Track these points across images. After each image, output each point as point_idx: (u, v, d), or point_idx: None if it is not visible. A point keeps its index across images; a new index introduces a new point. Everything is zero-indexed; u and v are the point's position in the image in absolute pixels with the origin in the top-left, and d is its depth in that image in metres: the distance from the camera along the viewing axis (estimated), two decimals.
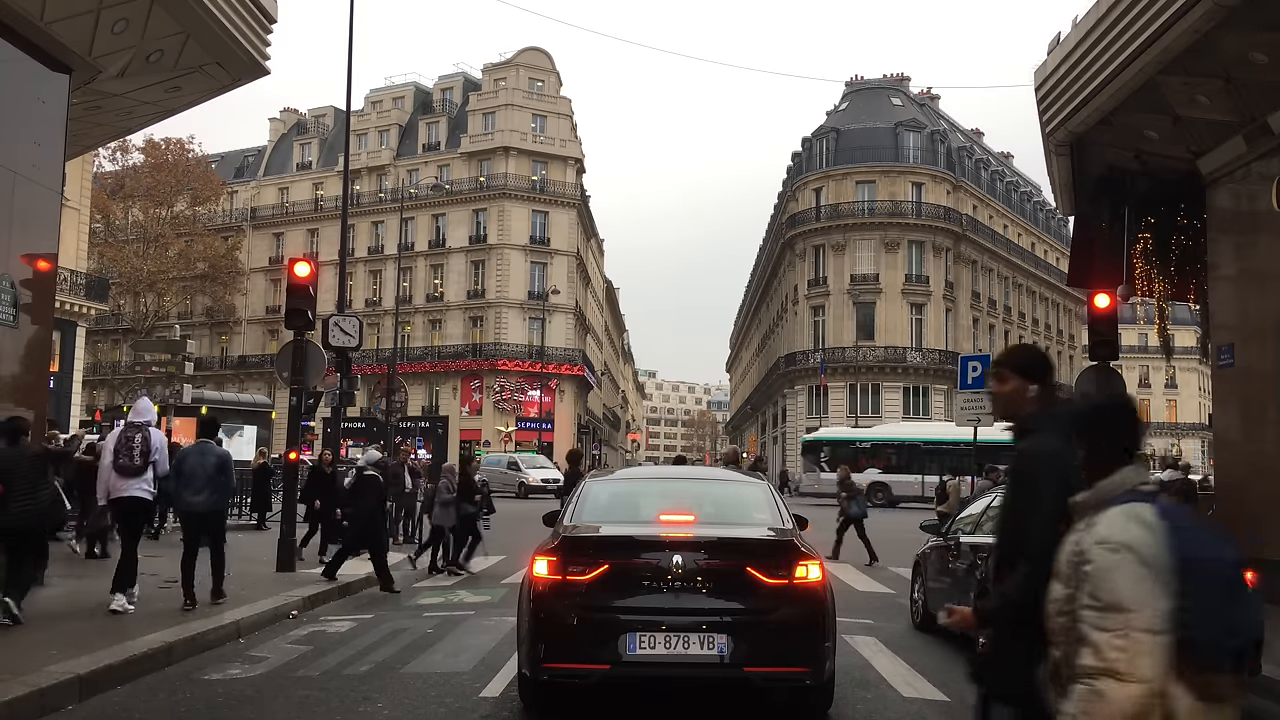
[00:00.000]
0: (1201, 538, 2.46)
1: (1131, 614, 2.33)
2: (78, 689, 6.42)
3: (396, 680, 7.26)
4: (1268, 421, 11.98)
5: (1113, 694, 2.31)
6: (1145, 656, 2.32)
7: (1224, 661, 2.38)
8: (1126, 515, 2.46)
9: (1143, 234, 13.67)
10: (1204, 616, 2.35)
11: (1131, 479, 2.58)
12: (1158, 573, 2.36)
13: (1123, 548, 2.39)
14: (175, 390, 20.70)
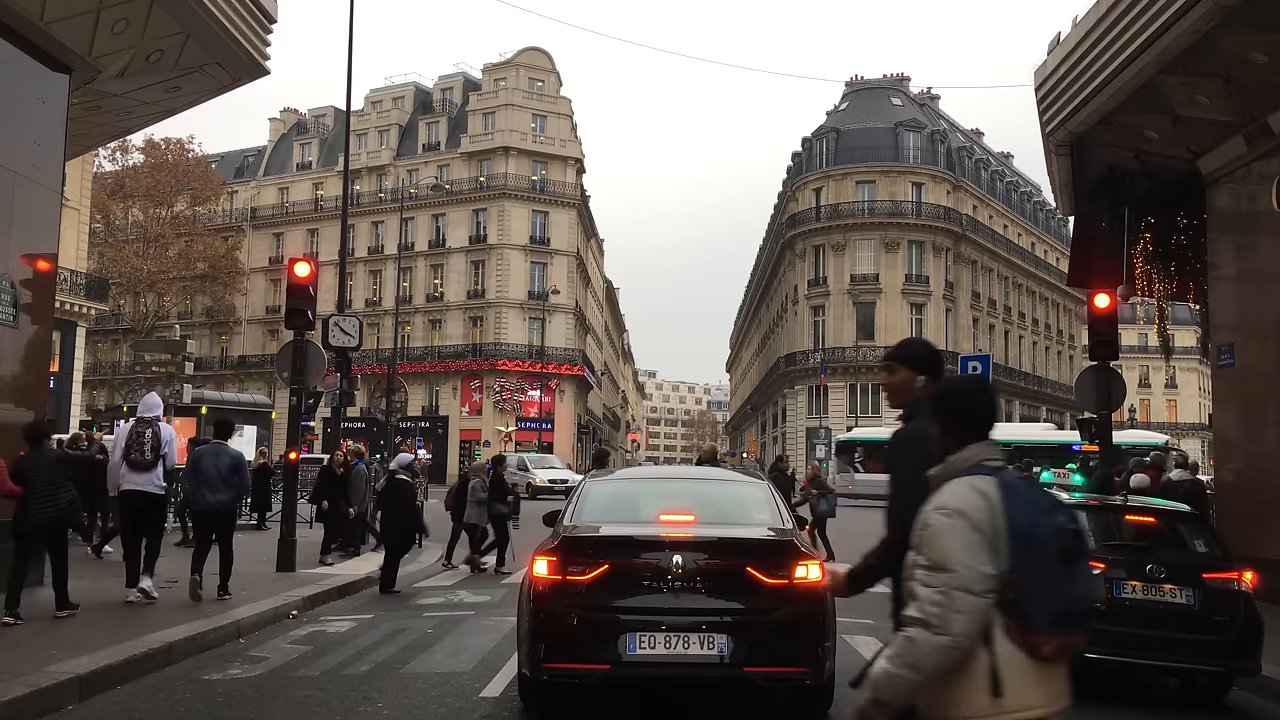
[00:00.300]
0: (1038, 510, 2.57)
1: (954, 574, 2.48)
2: (78, 689, 6.42)
3: (396, 680, 7.26)
4: (1268, 421, 11.99)
5: (922, 642, 2.49)
6: (960, 614, 2.45)
7: (1050, 625, 2.48)
8: (967, 485, 2.60)
9: (1143, 234, 13.68)
10: (1034, 582, 2.47)
11: (979, 454, 2.70)
12: (988, 539, 2.50)
13: (956, 513, 2.54)
14: (175, 390, 20.69)
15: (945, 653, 2.47)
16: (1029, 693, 2.50)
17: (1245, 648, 7.21)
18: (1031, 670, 2.50)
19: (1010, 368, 61.94)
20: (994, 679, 2.47)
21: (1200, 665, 7.35)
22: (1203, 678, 7.63)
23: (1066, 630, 2.52)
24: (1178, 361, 74.51)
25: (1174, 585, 7.26)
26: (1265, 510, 11.55)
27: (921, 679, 2.51)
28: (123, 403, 35.58)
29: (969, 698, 2.50)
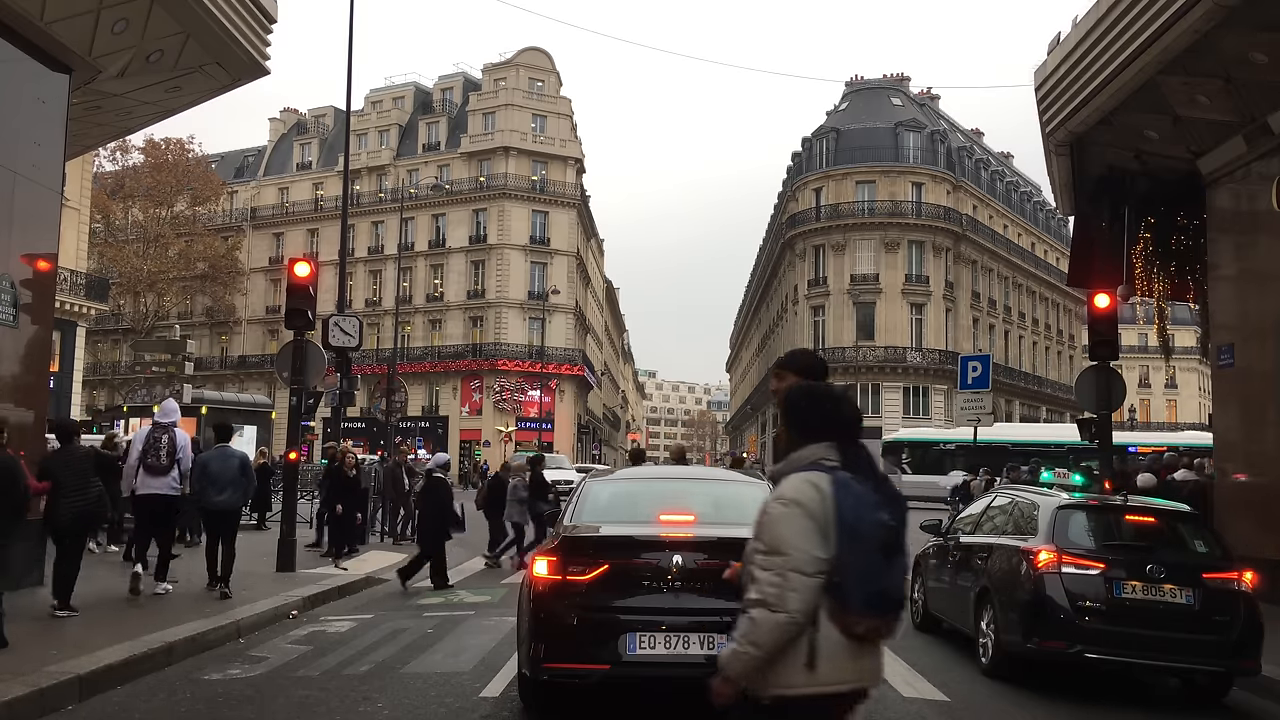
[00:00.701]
0: (864, 505, 2.81)
1: (789, 556, 2.75)
2: (78, 689, 6.42)
3: (396, 680, 7.26)
4: (1268, 421, 11.99)
5: (763, 621, 2.74)
6: (794, 593, 2.72)
7: (865, 608, 2.75)
8: (803, 479, 2.88)
9: (1143, 234, 13.68)
10: (854, 568, 2.74)
11: (818, 453, 2.95)
12: (820, 526, 2.77)
13: (792, 503, 2.81)
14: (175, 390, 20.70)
15: (784, 629, 2.73)
16: (840, 668, 2.76)
17: (1245, 648, 7.22)
18: (845, 648, 2.76)
19: (1010, 368, 61.92)
20: (811, 654, 2.74)
21: (1200, 665, 7.36)
22: (1203, 678, 7.64)
23: (878, 614, 2.78)
24: (1178, 361, 74.51)
25: (1174, 585, 7.26)
26: (1265, 510, 11.56)
27: (764, 655, 2.75)
28: (123, 403, 35.57)
29: (787, 671, 2.76)
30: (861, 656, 2.81)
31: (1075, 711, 7.05)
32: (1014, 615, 7.64)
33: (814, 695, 2.77)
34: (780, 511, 2.83)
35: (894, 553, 2.84)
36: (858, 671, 2.83)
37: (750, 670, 2.82)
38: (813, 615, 2.74)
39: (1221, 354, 13.18)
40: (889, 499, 2.89)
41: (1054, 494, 8.96)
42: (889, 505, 2.87)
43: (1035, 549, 7.63)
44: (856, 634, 2.77)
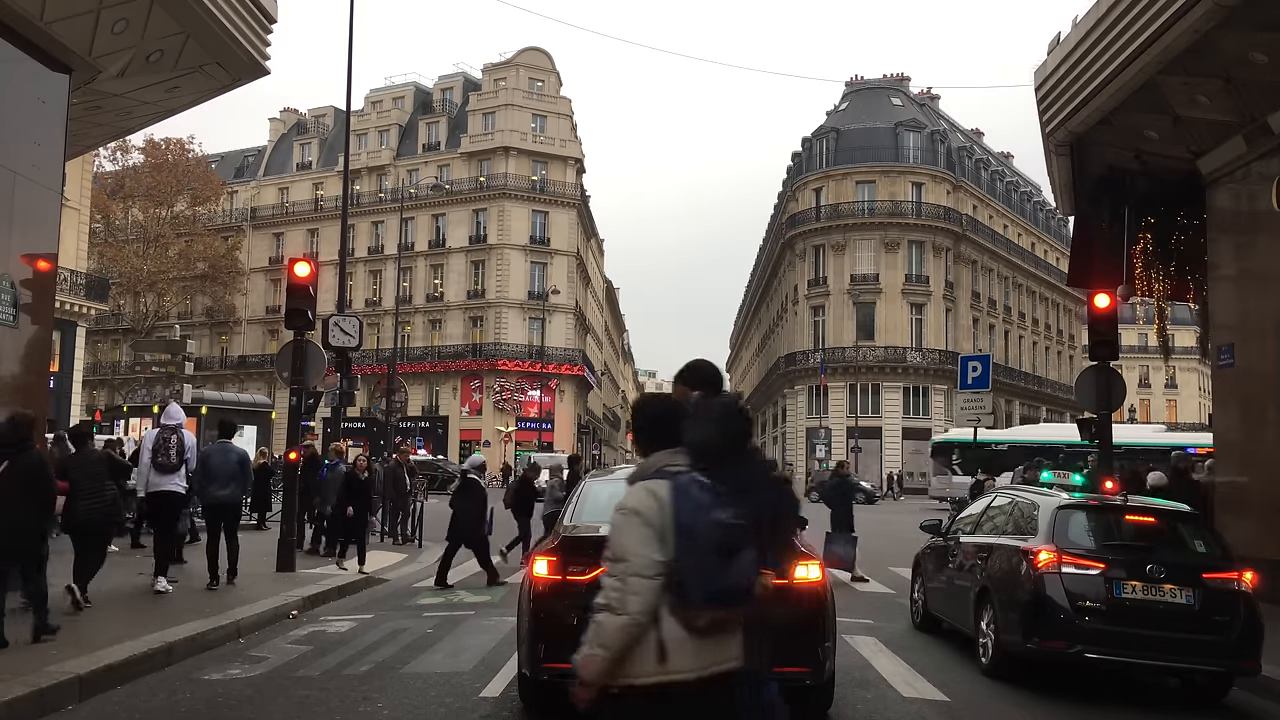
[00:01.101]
0: (701, 508, 2.97)
1: (629, 562, 2.96)
2: (78, 689, 6.42)
3: (396, 680, 7.26)
4: (1268, 421, 11.99)
5: (608, 624, 2.97)
6: (635, 596, 2.93)
7: (703, 602, 2.93)
8: (643, 488, 3.08)
9: (1143, 234, 13.68)
10: (691, 568, 2.92)
11: (662, 461, 3.18)
12: (658, 532, 2.96)
13: (632, 512, 3.01)
14: (175, 390, 20.70)
15: (627, 630, 2.94)
16: (687, 658, 2.97)
17: (1245, 648, 7.21)
18: (689, 640, 2.96)
19: (1010, 368, 61.92)
20: (660, 647, 2.95)
21: (1200, 665, 7.36)
22: (1203, 678, 7.63)
23: (718, 607, 2.96)
24: (1178, 361, 74.55)
25: (1174, 585, 7.26)
26: (1265, 510, 11.55)
27: (613, 655, 2.97)
28: (123, 403, 35.57)
29: (639, 661, 2.98)
30: (706, 646, 2.99)
31: (1075, 711, 7.05)
32: (1014, 615, 7.63)
33: (661, 684, 2.97)
34: (620, 520, 3.05)
35: (732, 549, 2.98)
36: (705, 660, 3.00)
37: (603, 671, 3.05)
38: (655, 614, 2.95)
39: (1221, 354, 13.18)
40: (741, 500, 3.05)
41: (1054, 494, 8.96)
42: (735, 506, 3.02)
43: (1035, 549, 7.63)
44: (698, 627, 2.95)
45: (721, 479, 3.21)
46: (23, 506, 7.38)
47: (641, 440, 3.33)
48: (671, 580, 2.94)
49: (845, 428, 53.82)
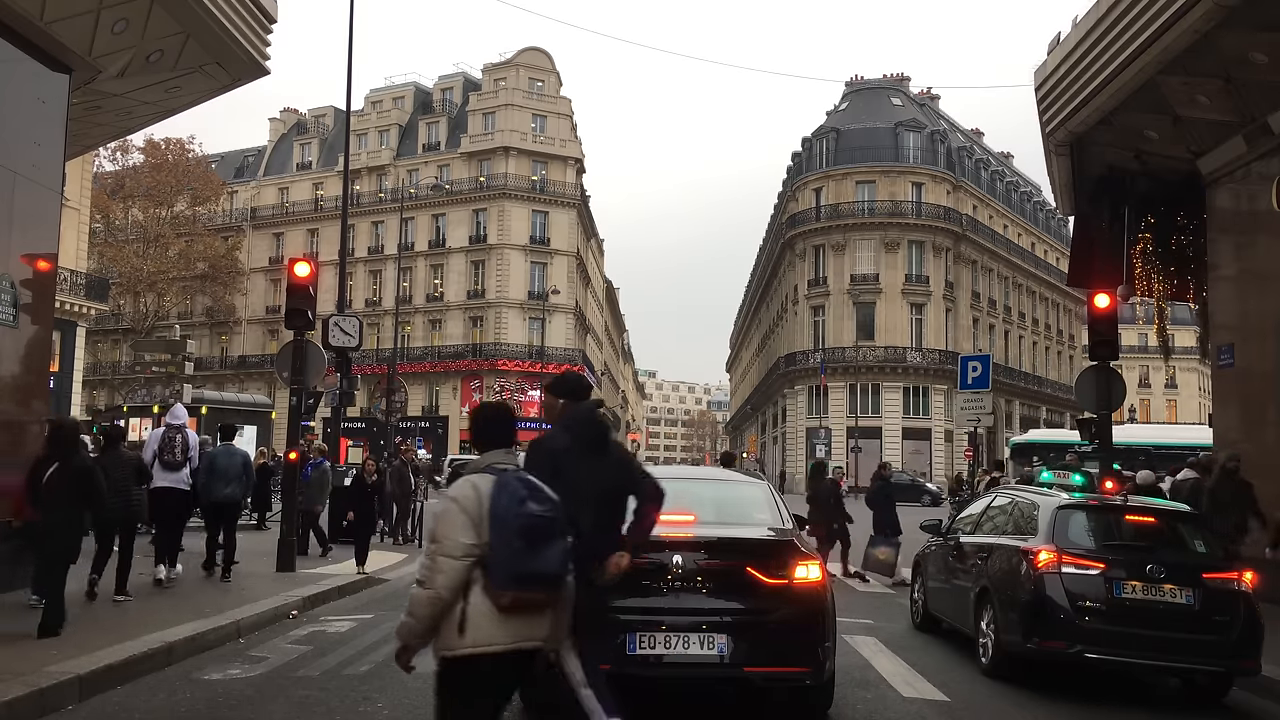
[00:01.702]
0: (513, 502, 3.41)
1: (441, 545, 3.40)
2: (78, 689, 6.42)
3: (396, 680, 7.25)
4: (1268, 421, 12.00)
5: (418, 596, 3.43)
6: (441, 574, 3.37)
7: (506, 584, 3.35)
8: (467, 481, 3.54)
9: (1143, 234, 13.68)
10: (499, 552, 3.36)
11: (492, 459, 3.66)
12: (473, 519, 3.40)
13: (452, 500, 3.47)
14: (175, 390, 20.70)
15: (431, 603, 3.38)
16: (489, 632, 3.37)
17: (1245, 648, 7.21)
18: (494, 616, 3.37)
19: (1010, 368, 61.93)
20: (462, 621, 3.36)
21: (1200, 665, 7.36)
22: (1203, 678, 7.63)
23: (521, 589, 3.37)
24: (1178, 361, 74.47)
25: (1174, 585, 7.26)
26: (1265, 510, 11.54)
27: (419, 623, 3.43)
28: (123, 403, 35.55)
29: (446, 635, 3.39)
30: (511, 623, 3.39)
31: (1075, 711, 7.05)
32: (1014, 615, 7.64)
33: (467, 655, 3.37)
34: (441, 507, 3.52)
35: (540, 539, 3.40)
36: (508, 635, 3.40)
37: (412, 636, 3.49)
38: (460, 591, 3.37)
39: (1221, 354, 13.18)
40: (545, 498, 3.51)
41: (1054, 494, 8.96)
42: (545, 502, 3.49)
43: (1035, 549, 7.63)
44: (503, 605, 3.36)
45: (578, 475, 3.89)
46: (73, 507, 7.96)
47: (477, 441, 3.80)
48: (482, 562, 3.37)
49: (845, 428, 53.82)
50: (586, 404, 4.56)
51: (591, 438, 4.38)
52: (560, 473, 4.09)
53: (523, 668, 3.52)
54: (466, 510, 3.43)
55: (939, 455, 53.58)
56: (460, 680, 3.42)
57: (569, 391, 4.57)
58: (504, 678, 3.49)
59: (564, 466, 4.17)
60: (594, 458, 4.38)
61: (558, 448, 4.31)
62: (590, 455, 4.36)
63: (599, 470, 4.34)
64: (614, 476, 4.43)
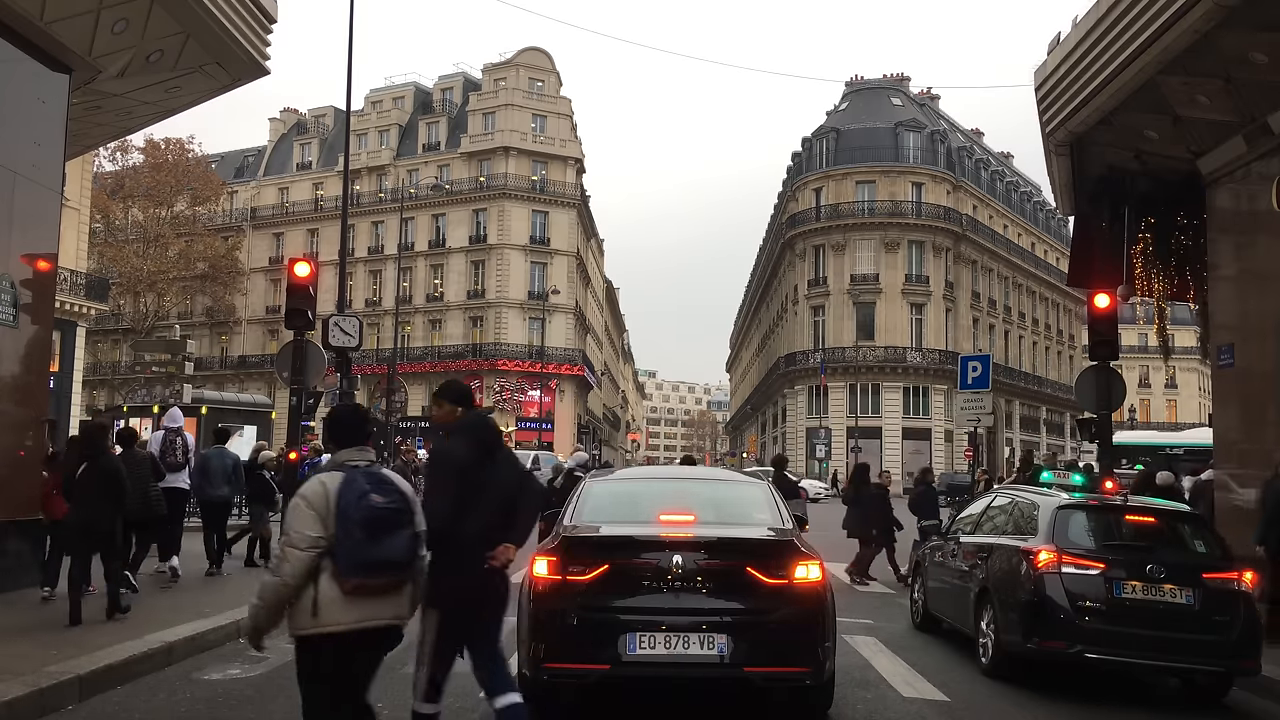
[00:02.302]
0: (358, 495, 3.80)
1: (290, 537, 3.83)
2: (78, 689, 6.42)
3: (397, 680, 7.25)
4: (1268, 421, 11.98)
5: (266, 581, 3.91)
6: (287, 564, 3.80)
7: (349, 572, 3.76)
8: (317, 479, 3.93)
9: (1143, 234, 13.67)
10: (343, 543, 3.77)
11: (344, 457, 4.04)
12: (320, 514, 3.80)
13: (302, 497, 3.87)
14: (175, 390, 20.70)
15: (278, 589, 3.83)
16: (337, 614, 3.80)
17: (1245, 648, 7.21)
18: (341, 599, 3.79)
19: (1010, 368, 61.93)
20: (314, 605, 3.79)
21: (1200, 665, 7.36)
22: (1203, 678, 7.63)
23: (362, 576, 3.78)
24: (1178, 361, 74.53)
25: (1174, 585, 7.26)
26: None
27: (266, 607, 3.89)
28: (123, 403, 35.54)
29: (299, 616, 3.84)
30: (357, 606, 3.81)
31: (1075, 711, 7.05)
32: (1014, 615, 7.63)
33: (316, 634, 3.82)
34: (294, 503, 3.91)
35: (382, 530, 3.81)
36: (355, 616, 3.83)
37: (260, 618, 3.95)
38: (305, 579, 3.79)
39: (1221, 354, 13.17)
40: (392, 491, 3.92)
41: (1054, 494, 8.96)
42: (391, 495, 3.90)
43: (1035, 549, 7.63)
44: (348, 590, 3.77)
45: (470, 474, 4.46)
46: (102, 503, 8.49)
47: (332, 441, 4.19)
48: (329, 551, 3.77)
49: (845, 428, 53.85)
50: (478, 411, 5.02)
51: (488, 441, 4.78)
52: (464, 474, 4.59)
53: (374, 644, 3.95)
54: (314, 506, 3.83)
55: (939, 455, 53.56)
56: (313, 656, 3.90)
57: (461, 399, 4.96)
58: (353, 653, 3.90)
59: (466, 468, 4.60)
60: (489, 459, 4.73)
61: (459, 452, 4.67)
62: (486, 457, 4.73)
63: (495, 470, 4.73)
64: (510, 479, 4.81)
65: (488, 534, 4.63)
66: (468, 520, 4.54)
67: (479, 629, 4.77)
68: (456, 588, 4.57)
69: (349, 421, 4.20)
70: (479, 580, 4.61)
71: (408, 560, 3.92)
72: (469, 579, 4.60)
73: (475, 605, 4.69)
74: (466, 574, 4.58)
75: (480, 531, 4.58)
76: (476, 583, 4.61)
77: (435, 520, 4.38)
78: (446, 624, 4.67)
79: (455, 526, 4.50)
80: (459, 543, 4.53)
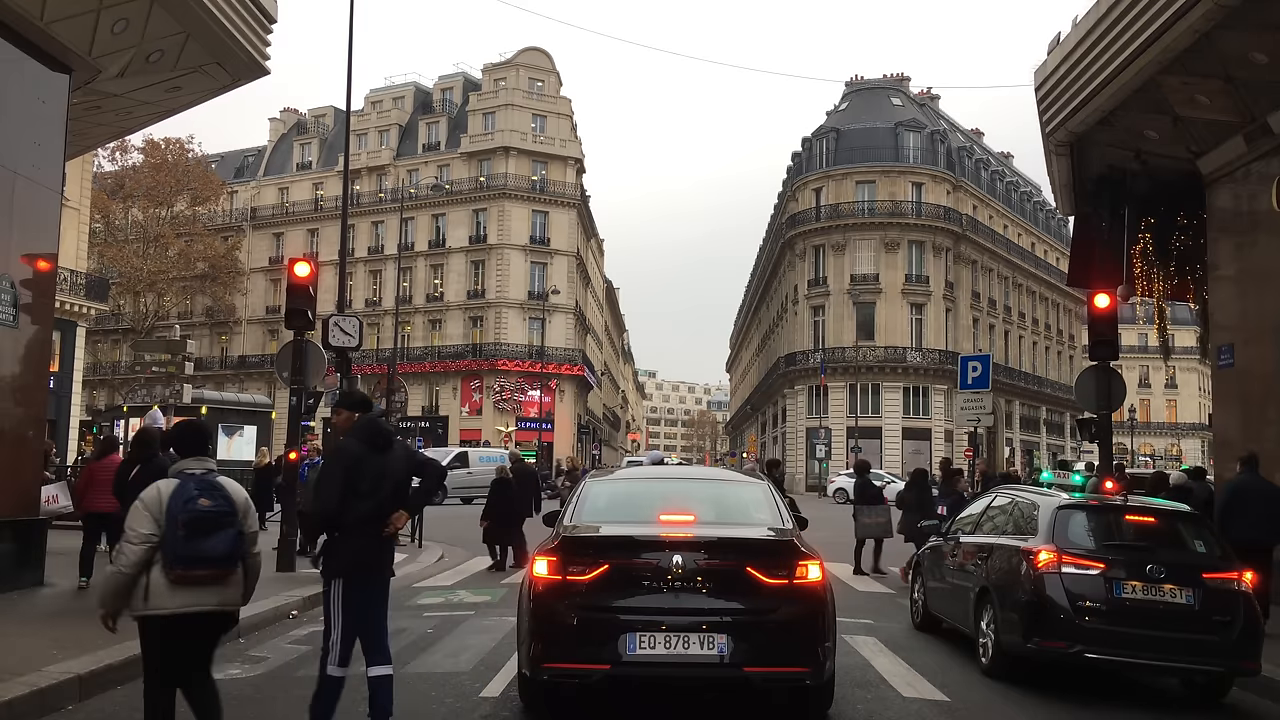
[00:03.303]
0: (184, 499, 4.55)
1: (127, 534, 4.57)
2: (78, 689, 6.42)
3: (396, 680, 7.23)
4: (1268, 421, 11.99)
5: (108, 571, 4.71)
6: (124, 556, 4.53)
7: (173, 564, 4.51)
8: (156, 485, 4.67)
9: (1143, 234, 13.68)
10: (168, 540, 4.52)
11: (184, 466, 4.77)
12: (153, 514, 4.55)
13: (141, 501, 4.62)
14: (175, 390, 20.66)
15: (115, 578, 4.56)
16: (164, 600, 4.53)
17: (1245, 648, 7.21)
18: (167, 587, 4.52)
19: (1010, 368, 61.92)
20: (146, 591, 4.54)
21: (1200, 665, 7.35)
22: (1203, 678, 7.63)
23: (183, 569, 4.51)
24: (1178, 361, 74.57)
25: (1174, 585, 7.26)
26: None
27: (108, 592, 4.62)
28: (123, 403, 35.55)
29: (136, 600, 4.56)
30: (184, 592, 4.54)
31: (1075, 711, 7.04)
32: (1014, 615, 7.63)
33: (146, 615, 4.57)
34: (134, 505, 4.63)
35: (203, 530, 4.53)
36: (179, 602, 4.54)
37: (105, 601, 4.64)
38: (141, 569, 4.51)
39: (1221, 354, 13.18)
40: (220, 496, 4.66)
41: (1054, 494, 8.95)
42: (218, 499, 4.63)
43: (1035, 549, 7.63)
44: (171, 580, 4.51)
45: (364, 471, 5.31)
46: None
47: (178, 450, 4.92)
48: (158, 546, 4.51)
49: (845, 428, 53.82)
50: (370, 414, 5.79)
51: (379, 439, 5.53)
52: (359, 467, 5.38)
53: (201, 626, 4.67)
54: (149, 508, 4.57)
55: (939, 455, 53.53)
56: (147, 633, 4.64)
57: (356, 405, 5.90)
58: (180, 633, 4.60)
59: (360, 463, 5.39)
60: (382, 454, 5.48)
61: (354, 450, 5.46)
62: (379, 453, 5.48)
63: (388, 463, 5.50)
64: (401, 467, 5.61)
65: (382, 512, 5.45)
66: (362, 502, 5.35)
67: (376, 592, 5.57)
68: (356, 552, 5.38)
69: (190, 436, 4.97)
70: (375, 546, 5.47)
71: (228, 555, 4.62)
72: (367, 544, 5.41)
73: (373, 568, 5.50)
74: (366, 541, 5.40)
75: (374, 510, 5.39)
76: (373, 548, 5.46)
77: (324, 505, 5.39)
78: (348, 588, 5.40)
79: (345, 508, 5.32)
80: (355, 519, 5.34)
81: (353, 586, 5.40)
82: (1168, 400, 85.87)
